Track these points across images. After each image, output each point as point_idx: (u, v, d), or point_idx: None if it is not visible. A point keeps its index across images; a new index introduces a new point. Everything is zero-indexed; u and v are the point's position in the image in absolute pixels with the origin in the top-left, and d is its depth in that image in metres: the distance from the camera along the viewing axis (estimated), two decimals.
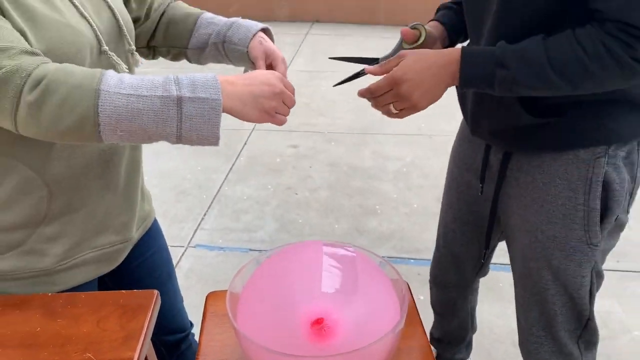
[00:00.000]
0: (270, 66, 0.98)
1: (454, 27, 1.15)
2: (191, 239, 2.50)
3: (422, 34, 1.08)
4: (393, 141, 3.39)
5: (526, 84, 0.90)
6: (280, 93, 0.82)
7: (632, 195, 1.06)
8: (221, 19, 1.05)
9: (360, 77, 1.08)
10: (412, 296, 0.95)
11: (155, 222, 1.16)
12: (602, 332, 1.71)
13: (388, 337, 0.67)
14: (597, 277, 1.11)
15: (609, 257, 2.30)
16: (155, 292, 0.95)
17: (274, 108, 0.82)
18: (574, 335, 1.14)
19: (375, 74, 0.99)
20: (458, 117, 1.23)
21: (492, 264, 1.63)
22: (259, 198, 2.81)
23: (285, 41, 5.58)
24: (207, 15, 1.07)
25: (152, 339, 0.92)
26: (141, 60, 0.99)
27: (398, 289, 0.77)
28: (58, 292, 0.94)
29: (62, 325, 0.87)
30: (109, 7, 0.89)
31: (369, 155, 3.25)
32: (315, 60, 4.98)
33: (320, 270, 0.72)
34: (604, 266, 2.29)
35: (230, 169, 3.11)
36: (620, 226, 1.08)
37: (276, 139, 3.44)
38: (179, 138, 0.75)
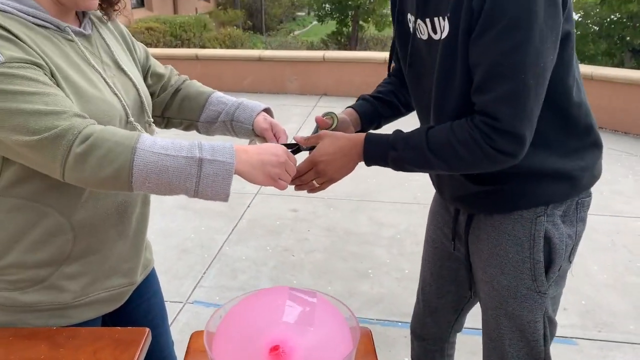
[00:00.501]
0: (273, 137, 1.19)
1: (366, 116, 1.35)
2: (189, 296, 2.61)
3: (334, 121, 1.27)
4: (389, 209, 3.54)
5: (412, 163, 1.10)
6: (284, 163, 1.00)
7: (573, 248, 1.21)
8: (230, 99, 1.26)
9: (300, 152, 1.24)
10: (373, 346, 1.07)
11: (153, 270, 1.31)
12: None
13: None
14: (550, 322, 1.23)
15: (590, 326, 2.38)
16: (147, 329, 1.08)
17: (278, 174, 1.00)
18: None
19: (300, 142, 1.19)
20: None
21: (475, 329, 1.72)
22: (257, 258, 2.94)
23: (294, 112, 5.88)
24: (218, 94, 1.27)
25: None
26: (156, 129, 1.17)
27: (354, 333, 0.90)
28: (69, 326, 1.08)
29: (63, 354, 1.00)
30: (135, 86, 1.09)
31: (365, 221, 3.39)
32: None
33: (283, 308, 0.86)
34: (585, 335, 2.37)
35: (232, 230, 3.26)
36: (564, 274, 1.23)
37: (278, 203, 3.61)
38: (196, 192, 0.92)
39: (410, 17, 1.17)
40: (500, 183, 1.14)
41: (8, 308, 1.03)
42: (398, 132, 1.13)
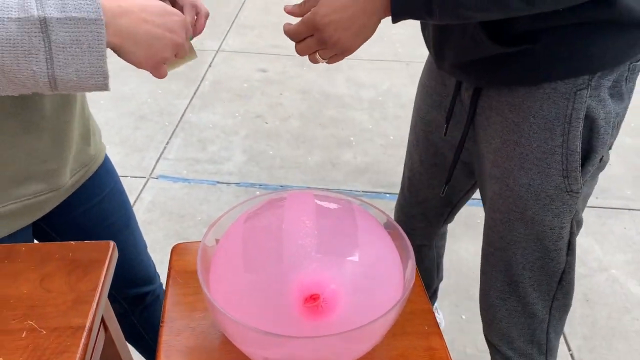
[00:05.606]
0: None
1: None
2: (153, 170, 2.32)
3: None
4: (368, 67, 3.20)
5: (472, 4, 0.70)
6: (179, 45, 0.66)
7: (617, 130, 0.91)
8: None
9: None
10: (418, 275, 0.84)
11: (104, 163, 0.99)
12: (580, 270, 1.67)
13: (394, 309, 0.56)
14: (577, 226, 0.97)
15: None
16: (111, 243, 0.81)
17: (165, 59, 0.65)
18: (546, 297, 1.02)
19: (293, 14, 0.80)
20: None
21: (471, 198, 1.53)
22: (226, 127, 2.63)
23: None
24: None
25: (110, 293, 0.79)
26: None
27: (402, 252, 0.65)
28: None
29: None
30: None
31: (343, 82, 3.06)
32: None
33: (313, 228, 0.59)
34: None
35: (194, 93, 2.88)
36: (602, 166, 0.94)
37: (243, 63, 3.20)
38: (52, 79, 0.55)
39: None
40: (533, 41, 0.80)
41: None
42: None
